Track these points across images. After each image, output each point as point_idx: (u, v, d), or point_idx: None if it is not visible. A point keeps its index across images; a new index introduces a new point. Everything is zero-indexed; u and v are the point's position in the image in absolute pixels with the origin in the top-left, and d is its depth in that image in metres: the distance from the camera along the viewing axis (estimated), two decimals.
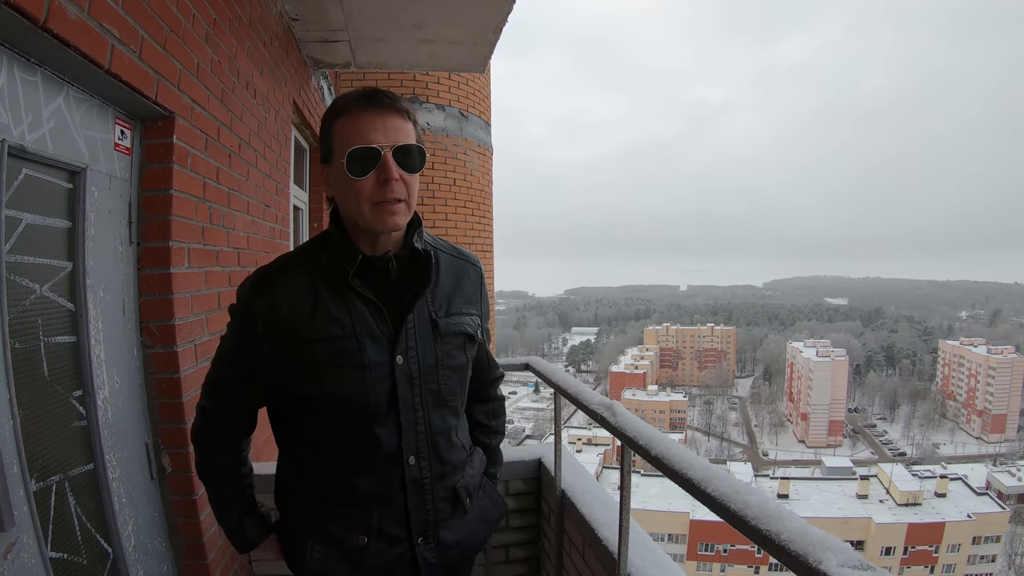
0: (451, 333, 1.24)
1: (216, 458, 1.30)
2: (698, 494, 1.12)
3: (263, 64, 2.96)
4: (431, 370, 1.21)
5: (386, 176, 1.09)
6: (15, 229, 1.38)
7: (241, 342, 1.19)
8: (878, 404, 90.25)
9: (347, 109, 1.11)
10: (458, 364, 1.27)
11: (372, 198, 1.10)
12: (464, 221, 6.32)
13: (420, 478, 1.22)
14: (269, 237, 3.06)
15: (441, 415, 1.24)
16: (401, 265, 1.20)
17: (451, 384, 1.25)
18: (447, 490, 1.27)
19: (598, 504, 2.07)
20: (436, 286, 1.24)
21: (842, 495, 41.54)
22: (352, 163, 1.09)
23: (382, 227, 1.13)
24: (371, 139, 1.09)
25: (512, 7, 3.40)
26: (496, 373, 1.52)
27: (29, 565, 1.33)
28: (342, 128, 1.11)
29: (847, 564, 0.79)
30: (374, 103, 1.10)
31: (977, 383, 79.73)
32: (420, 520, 1.23)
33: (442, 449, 1.25)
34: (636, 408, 71.15)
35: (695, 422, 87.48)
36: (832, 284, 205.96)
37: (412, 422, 1.19)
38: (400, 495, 1.20)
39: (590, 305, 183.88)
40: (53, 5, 1.25)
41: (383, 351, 1.16)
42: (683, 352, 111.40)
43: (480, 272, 1.36)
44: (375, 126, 1.09)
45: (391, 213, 1.11)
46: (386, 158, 1.09)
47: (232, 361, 1.23)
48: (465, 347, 1.29)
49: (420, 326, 1.19)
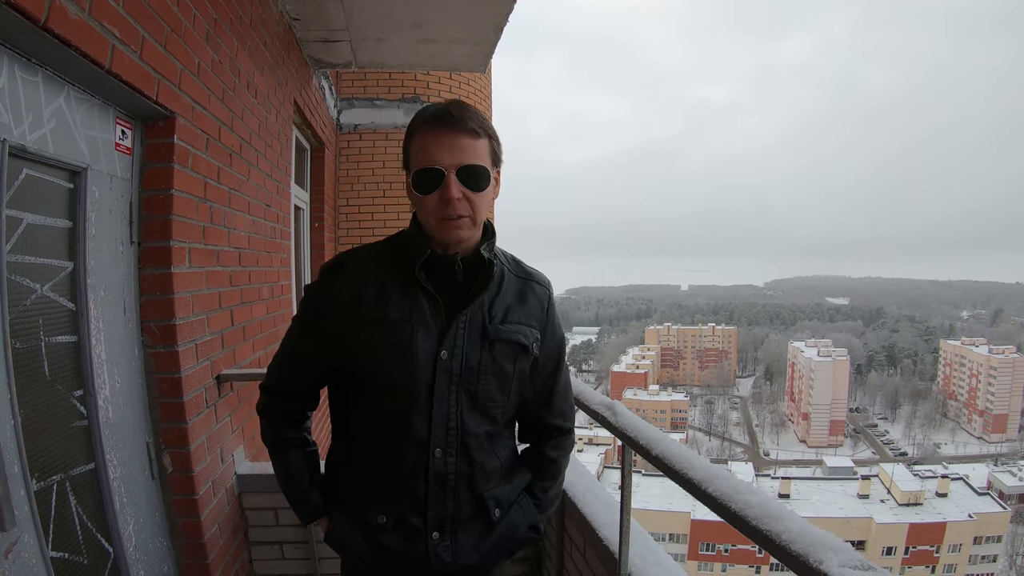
0: (501, 340, 1.26)
1: (285, 429, 1.37)
2: (699, 494, 1.12)
3: (264, 64, 2.96)
4: (472, 371, 1.24)
5: (447, 196, 1.14)
6: (16, 229, 1.38)
7: (312, 316, 1.29)
8: (879, 404, 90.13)
9: (419, 128, 1.18)
10: (502, 372, 1.27)
11: (436, 214, 1.17)
12: None
13: (444, 472, 1.25)
14: (270, 237, 3.06)
15: (475, 417, 1.26)
16: (467, 268, 1.25)
17: (490, 390, 1.27)
18: (473, 494, 1.28)
19: (599, 504, 2.07)
20: (497, 297, 1.28)
21: (843, 495, 41.51)
22: (417, 182, 1.17)
23: (446, 240, 1.20)
24: (435, 159, 1.15)
25: (513, 7, 3.40)
26: (554, 422, 1.43)
27: (30, 565, 1.33)
28: (414, 146, 1.19)
29: (848, 564, 0.79)
30: (442, 123, 1.15)
31: (978, 383, 79.61)
32: (437, 514, 1.26)
33: (473, 451, 1.27)
34: (637, 408, 71.14)
35: (696, 422, 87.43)
36: (833, 284, 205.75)
37: (444, 416, 1.23)
38: (422, 485, 1.24)
39: (591, 305, 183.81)
40: (54, 5, 1.25)
41: (431, 343, 1.21)
42: (684, 352, 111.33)
43: (548, 293, 1.39)
44: (441, 146, 1.15)
45: (455, 228, 1.18)
46: (449, 179, 1.15)
47: (301, 334, 1.32)
48: (517, 358, 1.29)
49: (471, 329, 1.24)
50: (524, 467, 1.42)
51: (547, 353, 1.37)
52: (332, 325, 1.24)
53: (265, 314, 2.95)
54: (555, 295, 1.45)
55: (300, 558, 2.51)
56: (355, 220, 5.66)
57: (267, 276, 3.00)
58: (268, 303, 3.01)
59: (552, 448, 1.44)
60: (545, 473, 1.43)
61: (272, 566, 2.51)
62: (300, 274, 4.70)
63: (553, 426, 1.43)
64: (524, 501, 1.38)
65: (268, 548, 2.50)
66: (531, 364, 1.34)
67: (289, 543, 2.50)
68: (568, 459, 1.50)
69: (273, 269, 3.12)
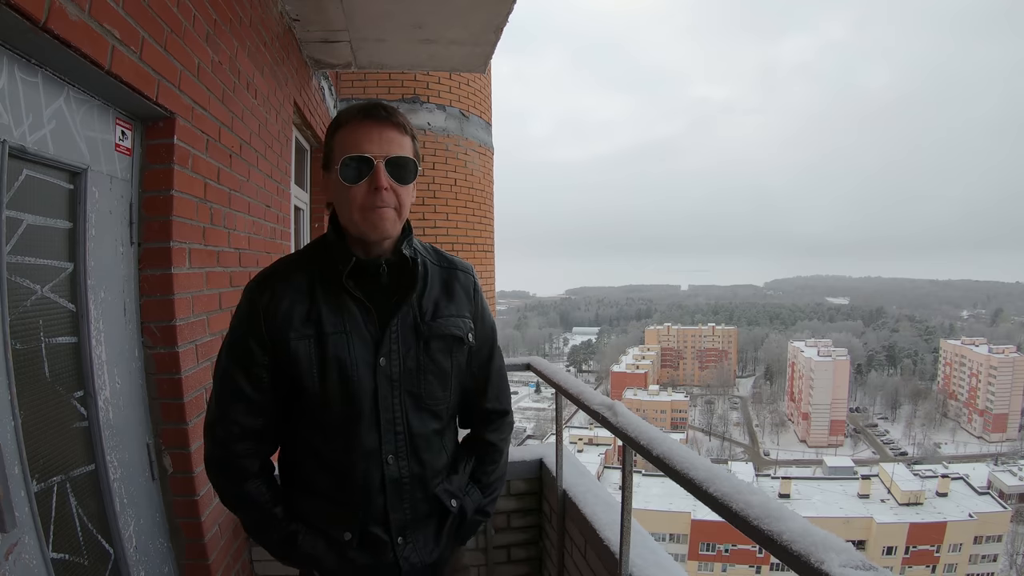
0: (435, 336, 1.27)
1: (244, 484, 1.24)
2: (700, 494, 1.12)
3: (264, 64, 2.96)
4: (411, 373, 1.24)
5: (376, 184, 1.15)
6: (16, 230, 1.38)
7: (247, 336, 1.22)
8: (879, 404, 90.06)
9: (346, 121, 1.19)
10: (441, 370, 1.29)
11: (363, 204, 1.17)
12: (465, 221, 6.32)
13: (399, 478, 1.25)
14: (270, 238, 3.06)
15: (421, 418, 1.27)
16: (392, 270, 1.25)
17: (431, 389, 1.28)
18: (427, 492, 1.29)
19: (600, 504, 2.07)
20: (424, 293, 1.28)
21: (843, 495, 41.48)
22: (345, 170, 1.16)
23: (371, 232, 1.19)
24: (365, 149, 1.16)
25: (512, 7, 3.40)
26: (490, 406, 1.43)
27: (31, 566, 1.33)
28: (341, 138, 1.19)
29: (849, 564, 0.79)
30: (371, 116, 1.18)
31: (978, 382, 79.58)
32: (399, 520, 1.26)
33: (422, 451, 1.27)
34: (637, 408, 71.13)
35: (696, 422, 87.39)
36: (833, 284, 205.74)
37: (391, 422, 1.23)
38: (380, 495, 1.24)
39: (591, 305, 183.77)
40: (54, 6, 1.25)
41: (368, 351, 1.21)
42: (684, 352, 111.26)
43: (472, 280, 1.38)
44: (370, 137, 1.17)
45: (380, 219, 1.17)
46: (378, 167, 1.16)
47: (239, 364, 1.22)
48: (452, 351, 1.30)
49: (404, 330, 1.24)
50: (467, 454, 1.43)
51: (481, 339, 1.38)
52: (269, 348, 1.20)
53: None
54: (555, 295, 1.45)
55: None
56: None
57: None
58: None
59: (492, 432, 1.45)
60: (488, 458, 1.43)
61: (273, 567, 2.51)
62: None
63: (491, 410, 1.44)
64: (471, 489, 1.39)
65: None
66: (468, 355, 1.35)
67: None
68: (509, 440, 1.51)
69: None
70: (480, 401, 1.43)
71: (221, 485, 1.27)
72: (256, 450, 1.25)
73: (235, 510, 1.29)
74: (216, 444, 1.24)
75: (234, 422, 1.22)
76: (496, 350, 1.45)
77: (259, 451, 1.26)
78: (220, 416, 1.23)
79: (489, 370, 1.43)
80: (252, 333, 1.21)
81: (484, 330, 1.39)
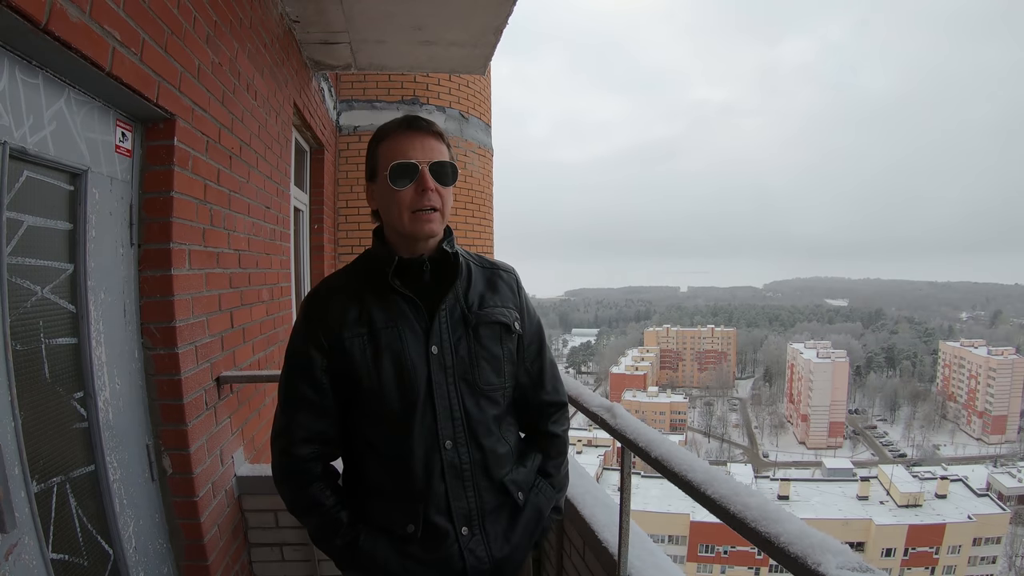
0: (484, 323, 1.32)
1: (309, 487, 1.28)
2: (698, 496, 1.13)
3: (264, 66, 2.96)
4: (464, 360, 1.29)
5: (423, 187, 1.24)
6: (16, 231, 1.38)
7: (305, 344, 1.28)
8: (878, 405, 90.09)
9: (390, 133, 1.29)
10: (492, 355, 1.33)
11: (411, 206, 1.25)
12: (464, 223, 6.33)
13: (459, 464, 1.27)
14: (270, 239, 3.07)
15: (477, 403, 1.30)
16: (435, 267, 1.31)
17: (485, 375, 1.32)
18: (492, 481, 1.31)
19: (598, 506, 2.07)
20: (469, 288, 1.35)
21: (842, 496, 41.47)
22: (394, 175, 1.24)
23: (420, 232, 1.26)
24: (410, 156, 1.25)
25: (512, 9, 3.40)
26: (548, 398, 1.47)
27: (30, 567, 1.33)
28: (385, 149, 1.28)
29: (846, 566, 0.79)
30: (413, 127, 1.27)
31: (977, 384, 79.62)
32: (462, 509, 1.27)
33: (481, 437, 1.30)
34: (636, 409, 71.11)
35: (695, 423, 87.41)
36: (832, 285, 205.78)
37: (447, 408, 1.27)
38: (440, 481, 1.26)
39: (590, 306, 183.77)
40: (54, 7, 1.25)
41: (420, 342, 1.27)
42: (683, 353, 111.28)
43: (515, 278, 1.45)
44: (414, 145, 1.26)
45: (427, 220, 1.25)
46: (423, 171, 1.25)
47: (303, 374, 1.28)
48: (502, 339, 1.35)
49: (453, 320, 1.30)
50: (533, 449, 1.45)
51: (529, 334, 1.43)
52: (327, 352, 1.27)
53: (265, 316, 2.95)
54: (554, 296, 1.47)
55: (300, 560, 2.51)
56: (354, 222, 5.66)
57: (267, 278, 3.01)
58: (268, 305, 3.01)
59: (554, 424, 1.49)
60: (554, 450, 1.47)
61: (272, 568, 2.51)
62: (300, 276, 4.70)
63: (549, 402, 1.48)
64: (541, 484, 1.42)
65: (268, 550, 2.50)
66: (517, 345, 1.39)
67: (289, 545, 2.50)
68: (568, 434, 1.54)
69: (273, 271, 3.13)
70: (538, 394, 1.46)
71: (287, 491, 1.30)
72: (320, 453, 1.30)
73: (301, 516, 1.31)
74: (282, 451, 1.29)
75: (299, 426, 1.28)
76: (546, 345, 1.49)
77: (323, 454, 1.31)
78: (285, 424, 1.29)
79: (543, 362, 1.47)
80: (310, 340, 1.27)
81: (532, 325, 1.44)
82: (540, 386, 1.46)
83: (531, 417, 1.47)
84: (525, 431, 1.49)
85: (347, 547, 1.27)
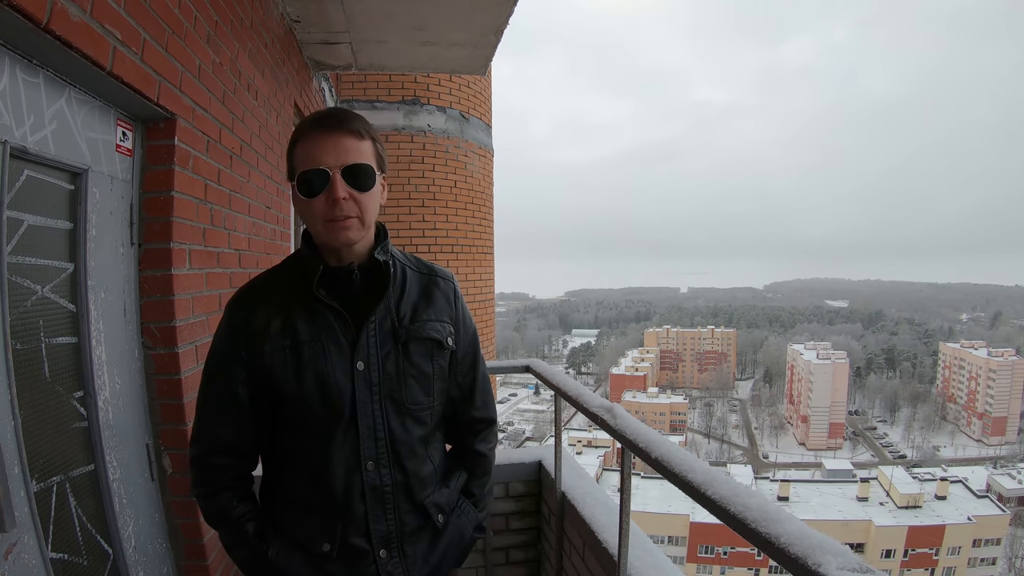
0: (414, 339, 1.25)
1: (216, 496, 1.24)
2: (698, 497, 1.13)
3: (265, 66, 2.96)
4: (391, 377, 1.23)
5: (334, 196, 1.13)
6: (17, 230, 1.38)
7: (225, 355, 1.23)
8: (878, 407, 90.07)
9: (302, 134, 1.17)
10: (422, 373, 1.26)
11: (324, 216, 1.15)
12: (465, 223, 6.33)
13: (380, 486, 1.22)
14: (270, 239, 3.07)
15: (403, 423, 1.24)
16: (365, 276, 1.24)
17: (413, 393, 1.25)
18: (413, 504, 1.26)
19: (598, 506, 2.08)
20: (402, 298, 1.27)
21: (842, 497, 41.47)
22: (302, 185, 1.15)
23: (335, 241, 1.17)
24: (320, 161, 1.14)
25: (513, 10, 3.41)
26: (478, 414, 1.42)
27: (30, 566, 1.33)
28: (298, 152, 1.17)
29: (846, 567, 0.79)
30: (324, 126, 1.15)
31: (977, 386, 79.60)
32: (381, 531, 1.22)
33: (404, 459, 1.24)
34: (636, 410, 71.10)
35: (695, 424, 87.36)
36: (832, 286, 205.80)
37: (371, 428, 1.21)
38: (360, 504, 1.21)
39: (590, 307, 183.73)
40: (55, 7, 1.25)
41: (345, 358, 1.19)
42: (683, 354, 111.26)
43: (452, 286, 1.37)
44: (324, 147, 1.14)
45: (342, 228, 1.16)
46: (334, 178, 1.13)
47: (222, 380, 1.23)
48: (433, 355, 1.28)
49: (381, 334, 1.23)
50: (457, 467, 1.40)
51: (463, 347, 1.36)
52: (246, 363, 1.21)
53: None
54: (555, 297, 1.45)
55: None
56: None
57: None
58: None
59: (481, 442, 1.43)
60: (479, 469, 1.42)
61: None
62: None
63: (479, 419, 1.42)
64: (464, 505, 1.37)
65: None
66: (450, 361, 1.33)
67: None
68: (495, 451, 1.49)
69: None
70: (467, 409, 1.40)
71: (199, 498, 1.26)
72: (233, 464, 1.24)
73: (213, 525, 1.27)
74: (194, 458, 1.25)
75: (212, 437, 1.23)
76: (479, 357, 1.43)
77: (236, 465, 1.25)
78: (199, 432, 1.25)
79: (475, 377, 1.41)
80: (230, 351, 1.21)
81: (466, 336, 1.37)
82: (470, 400, 1.40)
83: (458, 432, 1.42)
84: (451, 443, 1.43)
85: (251, 559, 1.23)
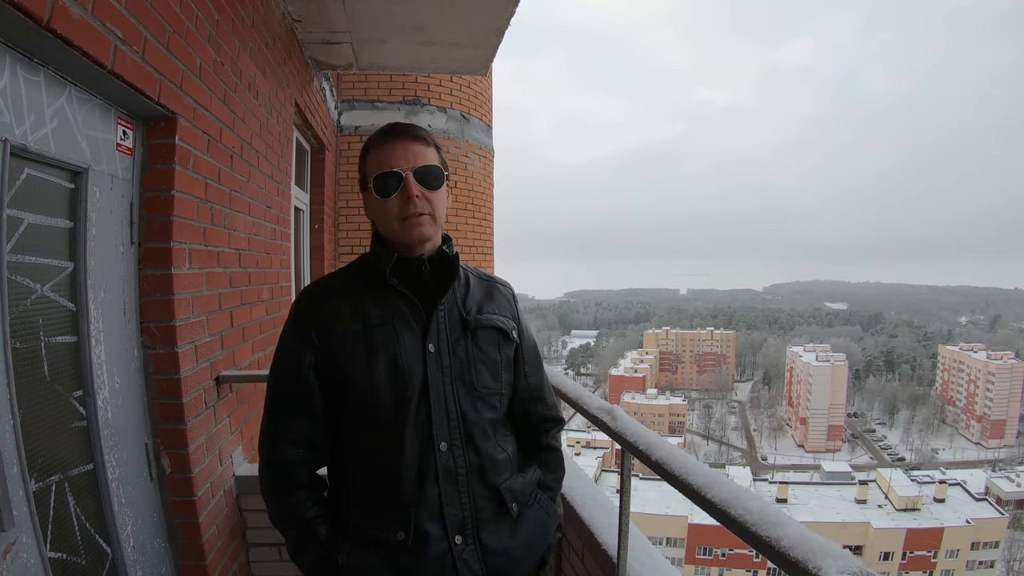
0: (482, 327, 1.32)
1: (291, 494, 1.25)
2: (698, 500, 1.12)
3: (265, 65, 2.96)
4: (462, 361, 1.28)
5: (408, 194, 1.23)
6: (17, 229, 1.38)
7: (293, 343, 1.27)
8: (877, 409, 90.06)
9: (373, 143, 1.29)
10: (490, 359, 1.32)
11: (400, 214, 1.24)
12: (465, 224, 6.32)
13: (453, 467, 1.23)
14: (270, 238, 3.06)
15: (474, 405, 1.28)
16: (434, 268, 1.30)
17: (483, 377, 1.30)
18: (488, 488, 1.27)
19: (597, 508, 2.07)
20: (467, 295, 1.34)
21: (841, 500, 41.42)
22: (378, 187, 1.25)
23: (411, 238, 1.26)
24: (394, 164, 1.24)
25: (514, 10, 3.40)
26: (549, 413, 1.48)
27: (28, 565, 1.33)
28: (370, 159, 1.28)
29: (847, 571, 0.79)
30: (394, 134, 1.27)
31: (976, 388, 79.61)
32: (456, 516, 1.23)
33: (478, 440, 1.27)
34: (635, 411, 71.07)
35: (694, 426, 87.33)
36: (832, 288, 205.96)
37: (443, 409, 1.24)
38: (434, 487, 1.22)
39: (590, 308, 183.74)
40: (56, 5, 1.25)
41: (417, 340, 1.25)
42: (683, 356, 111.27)
43: (512, 291, 1.46)
44: (396, 153, 1.25)
45: (417, 224, 1.25)
46: (407, 178, 1.24)
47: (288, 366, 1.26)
48: (500, 344, 1.34)
49: (451, 322, 1.29)
50: (531, 462, 1.43)
51: (528, 346, 1.43)
52: (316, 349, 1.24)
53: (264, 315, 2.95)
54: (554, 298, 1.47)
55: None
56: (355, 222, 5.66)
57: (267, 277, 3.00)
58: (268, 304, 3.01)
59: (553, 438, 1.50)
60: (554, 464, 1.47)
61: (270, 567, 2.51)
62: (299, 276, 4.70)
63: (548, 418, 1.48)
64: (543, 499, 1.39)
65: (266, 550, 2.50)
66: (515, 354, 1.39)
67: None
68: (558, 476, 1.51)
69: (273, 271, 3.12)
70: (539, 408, 1.45)
71: (270, 496, 1.26)
72: (306, 457, 1.26)
73: (281, 526, 1.27)
74: (266, 454, 1.26)
75: (285, 428, 1.25)
76: (542, 361, 1.49)
77: (309, 459, 1.26)
78: (270, 425, 1.27)
79: (543, 378, 1.47)
80: (300, 337, 1.25)
81: (528, 337, 1.44)
82: (542, 400, 1.46)
83: (530, 431, 1.46)
84: (522, 444, 1.45)
85: (322, 563, 1.22)
